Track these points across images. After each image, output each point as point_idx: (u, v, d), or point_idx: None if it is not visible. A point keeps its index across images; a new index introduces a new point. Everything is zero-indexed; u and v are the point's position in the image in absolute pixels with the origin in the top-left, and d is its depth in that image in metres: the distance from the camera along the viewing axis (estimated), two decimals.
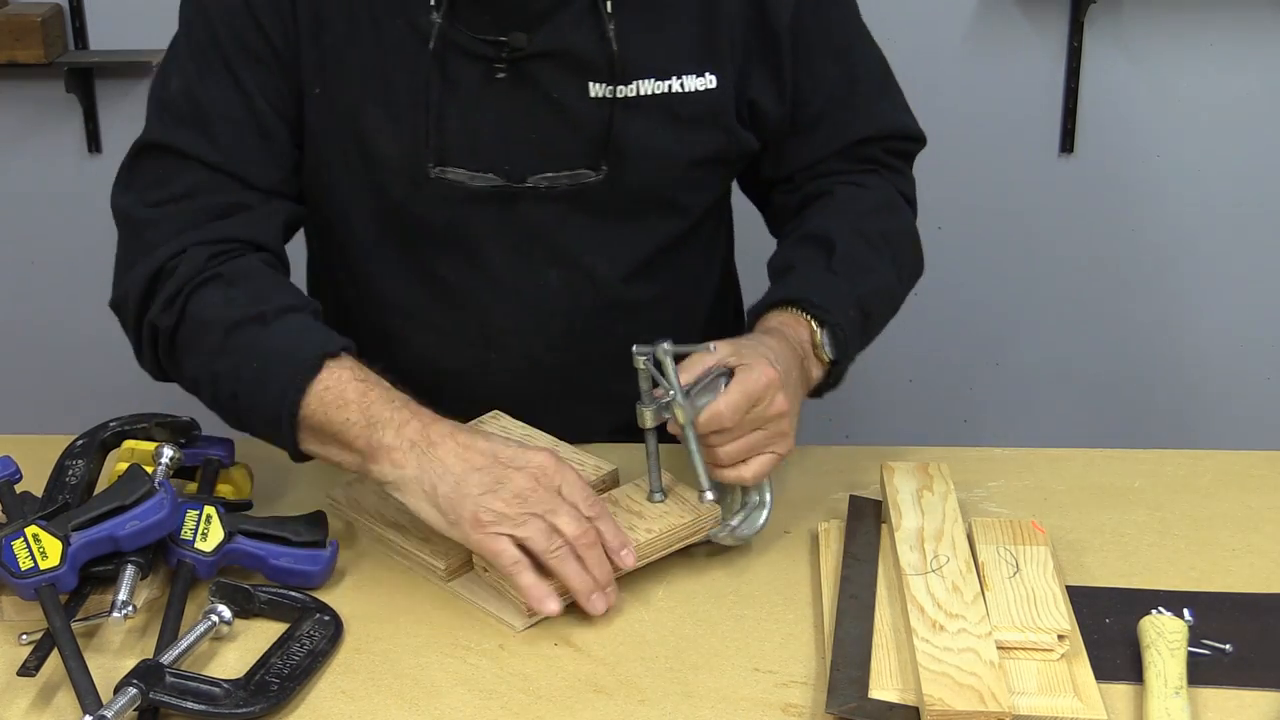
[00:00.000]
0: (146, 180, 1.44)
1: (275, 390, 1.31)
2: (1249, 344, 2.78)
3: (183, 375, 1.41)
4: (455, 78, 1.42)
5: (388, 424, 1.28)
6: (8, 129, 2.73)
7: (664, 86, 1.45)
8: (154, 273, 1.39)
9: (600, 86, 1.43)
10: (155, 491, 1.28)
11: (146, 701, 1.14)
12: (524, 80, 1.42)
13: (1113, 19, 2.59)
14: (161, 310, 1.38)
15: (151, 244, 1.41)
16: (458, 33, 1.40)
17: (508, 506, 1.23)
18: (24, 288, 2.81)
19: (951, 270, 2.73)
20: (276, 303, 1.36)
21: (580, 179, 1.45)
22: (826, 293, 1.44)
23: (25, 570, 1.23)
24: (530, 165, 1.45)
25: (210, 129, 1.42)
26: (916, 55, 2.51)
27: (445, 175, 1.43)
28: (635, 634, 1.26)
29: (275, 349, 1.33)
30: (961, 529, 1.34)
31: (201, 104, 1.42)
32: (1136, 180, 2.69)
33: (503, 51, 1.41)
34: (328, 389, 1.30)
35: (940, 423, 2.83)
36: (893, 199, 1.59)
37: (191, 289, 1.37)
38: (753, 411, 1.31)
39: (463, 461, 1.26)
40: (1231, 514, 1.44)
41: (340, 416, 1.29)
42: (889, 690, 1.16)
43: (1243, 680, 1.19)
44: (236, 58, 1.42)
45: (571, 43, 1.42)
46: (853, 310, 1.46)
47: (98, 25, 2.67)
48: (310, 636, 1.24)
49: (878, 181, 1.59)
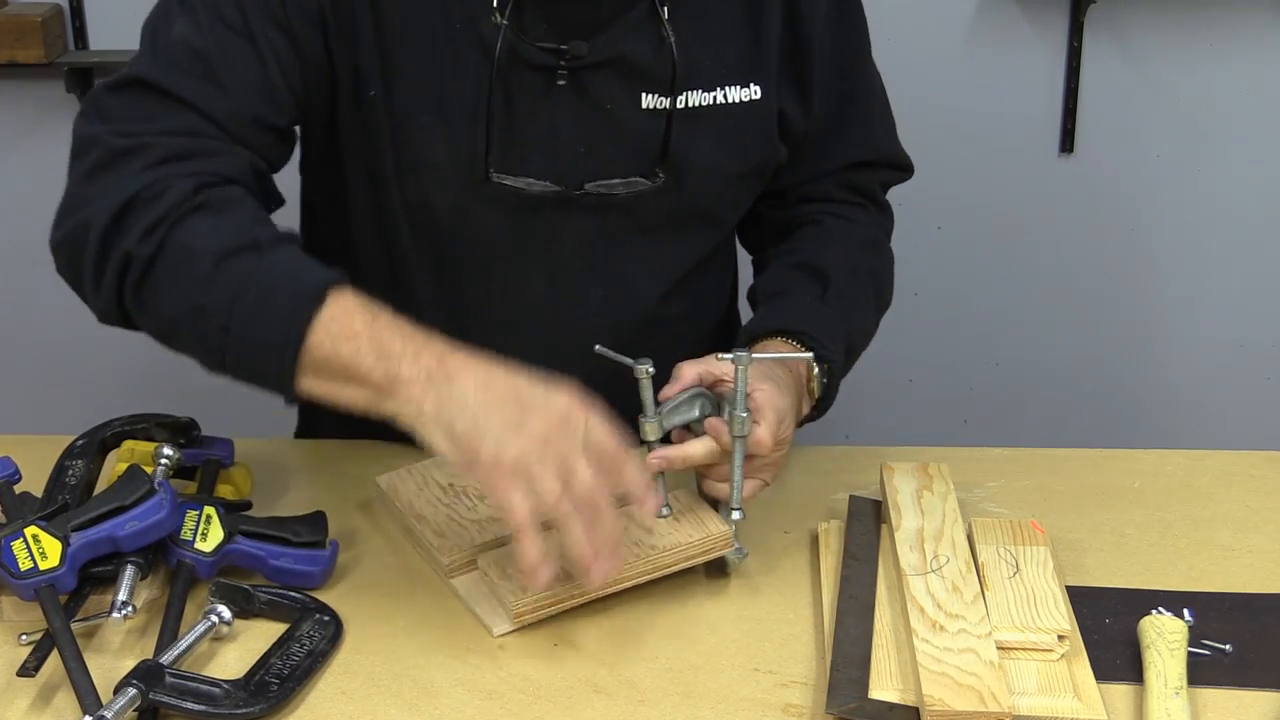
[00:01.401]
0: (129, 114, 1.32)
1: (277, 320, 1.20)
2: (1249, 344, 2.78)
3: (155, 311, 1.27)
4: (516, 85, 1.39)
5: (401, 355, 1.19)
6: (8, 129, 2.73)
7: (710, 98, 1.44)
8: (126, 201, 1.26)
9: (652, 98, 1.42)
10: (155, 492, 1.28)
11: (146, 702, 1.14)
12: (581, 89, 1.41)
13: (1113, 19, 2.59)
14: (139, 240, 1.24)
15: (126, 173, 1.28)
16: (519, 40, 1.38)
17: (526, 449, 1.14)
18: (24, 288, 2.81)
19: (951, 270, 2.74)
20: (270, 233, 1.27)
21: (635, 186, 1.43)
22: (824, 329, 1.45)
23: (25, 571, 1.23)
24: (587, 172, 1.42)
25: (216, 80, 1.33)
26: (916, 55, 2.52)
27: (504, 181, 1.40)
28: (635, 634, 1.26)
29: (274, 277, 1.22)
30: (961, 529, 1.34)
31: (209, 55, 1.33)
32: (1136, 180, 2.69)
33: (562, 59, 1.39)
34: (334, 319, 1.20)
35: (940, 423, 2.83)
36: (878, 238, 1.61)
37: (177, 217, 1.25)
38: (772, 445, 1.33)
39: (482, 396, 1.17)
40: (1231, 514, 1.44)
41: (350, 348, 1.19)
42: (889, 690, 1.16)
43: (1243, 680, 1.19)
44: (258, 20, 1.34)
45: (630, 52, 1.40)
46: (843, 345, 1.47)
47: (98, 25, 2.67)
48: (310, 637, 1.24)
49: (865, 218, 1.59)
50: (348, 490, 1.48)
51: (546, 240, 1.46)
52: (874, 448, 1.55)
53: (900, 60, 1.63)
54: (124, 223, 1.25)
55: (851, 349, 1.50)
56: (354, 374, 1.19)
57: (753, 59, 1.46)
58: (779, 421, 1.32)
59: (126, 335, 1.36)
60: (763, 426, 1.31)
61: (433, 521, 1.37)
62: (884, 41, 1.59)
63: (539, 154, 1.42)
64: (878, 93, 1.60)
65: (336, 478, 1.48)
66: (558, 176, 1.42)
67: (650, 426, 1.32)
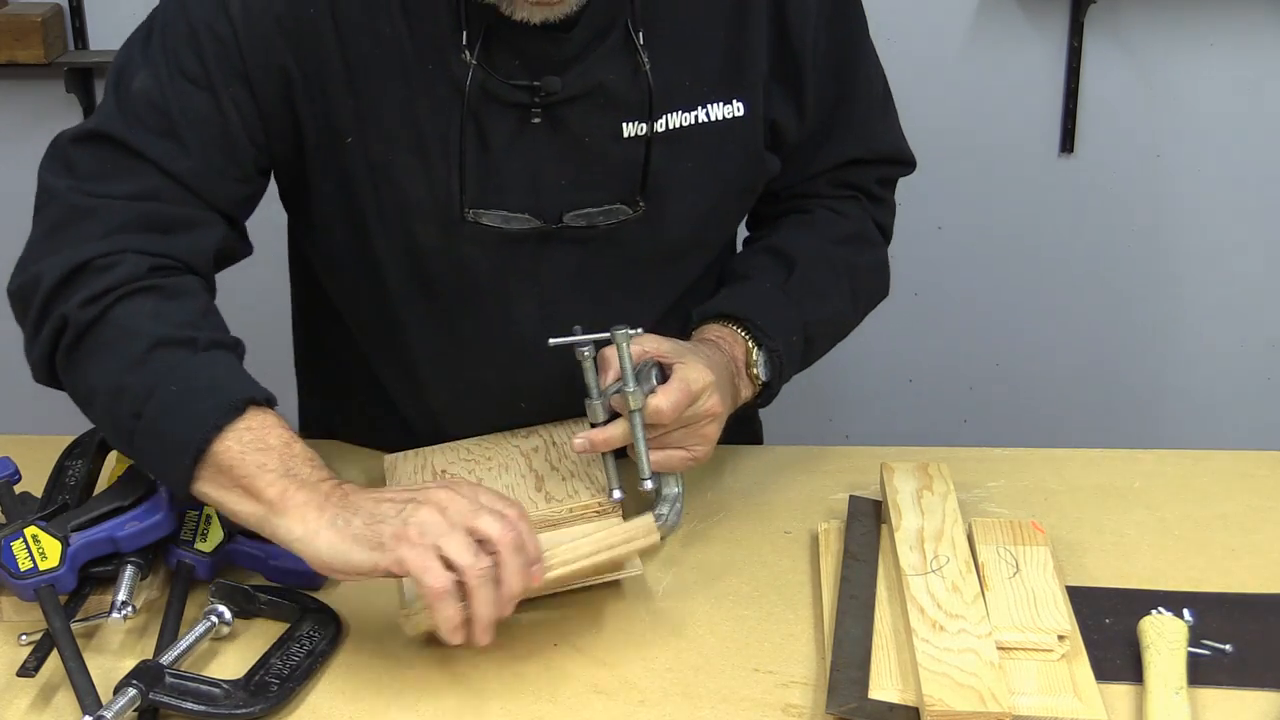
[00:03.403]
0: (91, 168, 1.34)
1: (190, 419, 1.22)
2: (1249, 343, 2.78)
3: (81, 378, 1.29)
4: (490, 123, 1.38)
5: (305, 481, 1.20)
6: (8, 129, 2.73)
7: (690, 118, 1.42)
8: (78, 265, 1.29)
9: (633, 125, 1.40)
10: (154, 492, 1.28)
11: (146, 702, 1.14)
12: (558, 123, 1.39)
13: (1113, 19, 2.59)
14: (80, 306, 1.27)
15: (82, 236, 1.31)
16: (490, 79, 1.36)
17: (430, 516, 1.16)
18: None
19: (951, 270, 2.74)
20: (210, 334, 1.29)
21: (617, 215, 1.42)
22: (772, 314, 1.44)
23: (25, 571, 1.23)
24: (567, 204, 1.41)
25: (176, 136, 1.34)
26: (916, 55, 2.52)
27: (480, 219, 1.39)
28: (635, 634, 1.26)
29: (200, 379, 1.25)
30: (961, 529, 1.34)
31: (170, 109, 1.34)
32: (1136, 180, 2.69)
33: (536, 96, 1.37)
34: (249, 429, 1.22)
35: (940, 423, 2.84)
36: (867, 231, 1.57)
37: (124, 292, 1.28)
38: (688, 410, 1.31)
39: (372, 500, 1.19)
40: (1231, 514, 1.44)
41: (256, 460, 1.21)
42: (889, 690, 1.16)
43: (1243, 680, 1.19)
44: (218, 72, 1.34)
45: (605, 81, 1.38)
46: (795, 336, 1.45)
47: (98, 25, 2.67)
48: (310, 637, 1.24)
49: (856, 211, 1.57)
50: None
51: (532, 273, 1.44)
52: (874, 448, 1.55)
53: (900, 60, 1.62)
54: (70, 286, 1.28)
55: (812, 339, 1.48)
56: (251, 486, 1.20)
57: (734, 75, 1.43)
58: (686, 393, 1.30)
59: None
60: (660, 396, 1.29)
61: None
62: (884, 41, 1.59)
63: (517, 189, 1.40)
64: (878, 86, 1.56)
65: None
66: (537, 210, 1.40)
67: (595, 407, 1.31)
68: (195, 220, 1.35)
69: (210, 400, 1.22)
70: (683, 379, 1.31)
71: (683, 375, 1.31)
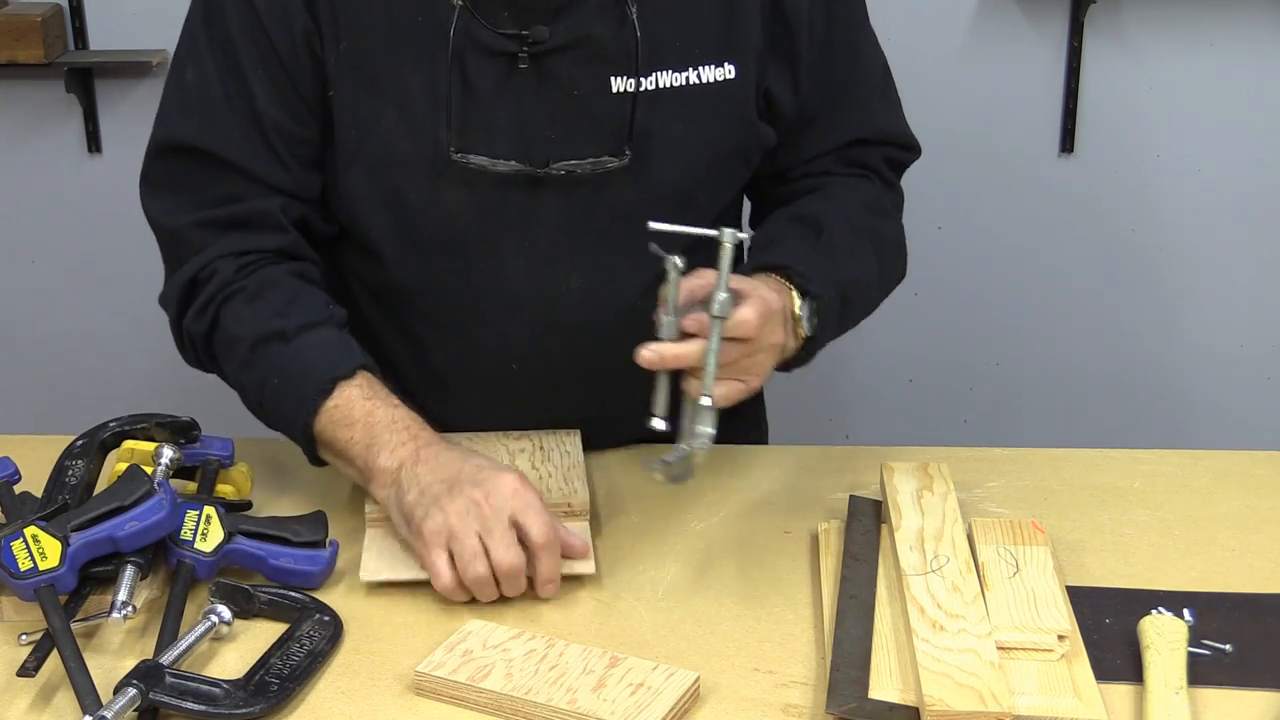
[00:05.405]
0: (170, 183, 1.48)
1: (292, 407, 1.39)
2: (1249, 344, 2.78)
3: (223, 376, 1.49)
4: (477, 70, 1.41)
5: (384, 445, 1.35)
6: (8, 129, 2.73)
7: (682, 78, 1.44)
8: (190, 279, 1.45)
9: (622, 80, 1.42)
10: (154, 492, 1.28)
11: (146, 702, 1.14)
12: (545, 73, 1.41)
13: (1113, 19, 2.59)
14: (195, 317, 1.45)
15: (183, 255, 1.46)
16: (478, 27, 1.39)
17: (451, 519, 1.28)
18: (24, 288, 2.81)
19: (951, 270, 2.74)
20: (297, 320, 1.41)
21: (603, 165, 1.43)
22: (812, 266, 1.42)
23: (25, 571, 1.23)
24: (553, 153, 1.43)
25: (225, 125, 1.44)
26: (916, 55, 2.51)
27: (468, 161, 1.41)
28: (635, 634, 1.26)
29: (293, 368, 1.40)
30: (961, 529, 1.34)
31: (217, 98, 1.44)
32: (1136, 180, 2.69)
33: (524, 45, 1.40)
34: (336, 407, 1.37)
35: (940, 423, 2.84)
36: (883, 203, 1.58)
37: (221, 300, 1.43)
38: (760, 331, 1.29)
39: (432, 474, 1.32)
40: (1231, 514, 1.44)
41: (345, 435, 1.37)
42: (889, 690, 1.16)
43: (1243, 680, 1.19)
44: (249, 56, 1.42)
45: (593, 34, 1.40)
46: (834, 290, 1.43)
47: (98, 25, 2.67)
48: (310, 637, 1.24)
49: (870, 186, 1.57)
50: (348, 490, 1.48)
51: (521, 224, 1.46)
52: (874, 448, 1.55)
53: (900, 60, 1.61)
54: (190, 301, 1.46)
55: (847, 299, 1.46)
56: (347, 456, 1.38)
57: (726, 38, 1.44)
58: (766, 310, 1.29)
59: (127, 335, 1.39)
60: (747, 306, 1.27)
61: None
62: (884, 41, 1.59)
63: (506, 137, 1.43)
64: (877, 69, 1.57)
65: (336, 478, 1.48)
66: (525, 158, 1.43)
67: (669, 324, 1.26)
68: (268, 207, 1.46)
69: (302, 386, 1.38)
70: (762, 298, 1.30)
71: (764, 296, 1.30)
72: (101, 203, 2.70)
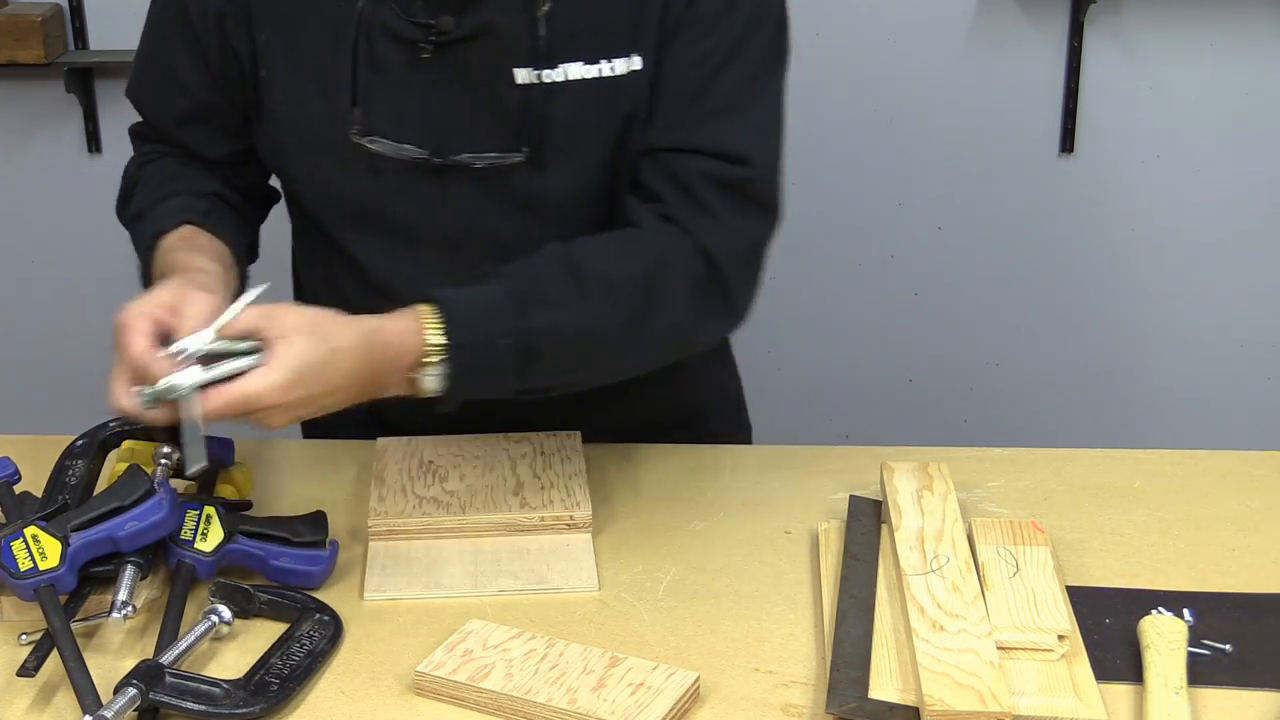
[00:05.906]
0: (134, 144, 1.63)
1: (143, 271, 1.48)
2: (1249, 344, 2.78)
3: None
4: (381, 56, 1.42)
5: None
6: (8, 129, 2.73)
7: (593, 70, 1.42)
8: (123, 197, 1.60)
9: (526, 72, 1.41)
10: (154, 492, 1.28)
11: (146, 702, 1.14)
12: (449, 63, 1.42)
13: (1113, 19, 2.59)
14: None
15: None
16: (387, 12, 1.41)
17: None
18: (24, 288, 2.81)
19: (951, 270, 2.74)
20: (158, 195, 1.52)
21: (504, 160, 1.42)
22: (476, 314, 1.32)
23: (25, 571, 1.23)
24: (456, 144, 1.43)
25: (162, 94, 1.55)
26: (916, 55, 2.51)
27: (370, 145, 1.42)
28: (635, 634, 1.26)
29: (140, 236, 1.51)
30: (961, 529, 1.34)
31: (156, 68, 1.55)
32: (1136, 180, 2.69)
33: (430, 35, 1.41)
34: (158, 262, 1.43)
35: (940, 423, 2.84)
36: (664, 255, 1.39)
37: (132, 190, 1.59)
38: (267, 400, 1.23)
39: None
40: (1231, 514, 1.44)
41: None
42: (889, 690, 1.16)
43: (1243, 680, 1.19)
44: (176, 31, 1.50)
45: (497, 26, 1.40)
46: (507, 342, 1.32)
47: (98, 25, 2.67)
48: (310, 636, 1.24)
49: (664, 233, 1.40)
50: (348, 490, 1.48)
51: (433, 210, 1.46)
52: (874, 448, 1.55)
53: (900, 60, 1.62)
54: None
55: (532, 349, 1.32)
56: None
57: (635, 29, 1.41)
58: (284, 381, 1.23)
59: None
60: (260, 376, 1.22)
61: (389, 486, 1.42)
62: (884, 41, 1.59)
63: (412, 124, 1.43)
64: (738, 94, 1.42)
65: (336, 478, 1.48)
66: (431, 146, 1.43)
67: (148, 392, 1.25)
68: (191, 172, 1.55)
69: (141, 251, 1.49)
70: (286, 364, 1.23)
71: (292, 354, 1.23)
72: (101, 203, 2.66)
